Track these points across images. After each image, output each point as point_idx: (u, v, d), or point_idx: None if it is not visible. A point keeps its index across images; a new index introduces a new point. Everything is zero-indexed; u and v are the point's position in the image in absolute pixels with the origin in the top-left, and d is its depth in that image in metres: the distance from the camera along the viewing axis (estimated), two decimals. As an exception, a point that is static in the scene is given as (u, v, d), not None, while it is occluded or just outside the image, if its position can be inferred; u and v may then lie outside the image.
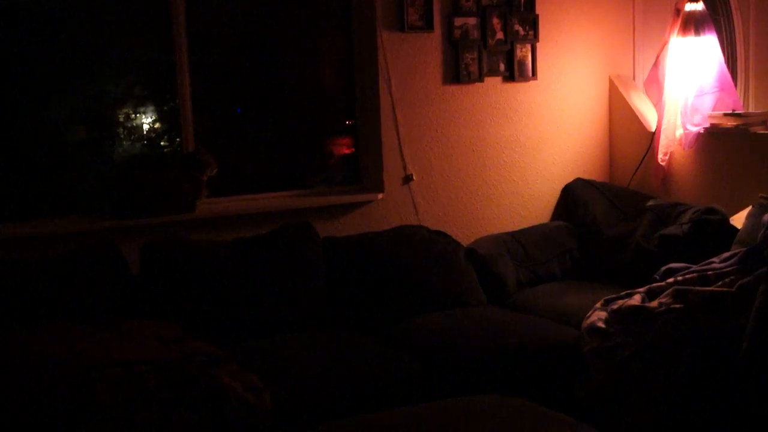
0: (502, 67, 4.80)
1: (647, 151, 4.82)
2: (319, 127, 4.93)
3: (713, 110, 4.47)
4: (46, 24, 4.17)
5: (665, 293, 3.42)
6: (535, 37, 4.85)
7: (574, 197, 4.92)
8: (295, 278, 3.93)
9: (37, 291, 3.51)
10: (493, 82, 4.80)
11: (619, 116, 5.07)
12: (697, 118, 4.50)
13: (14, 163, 4.16)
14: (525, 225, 4.87)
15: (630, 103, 4.97)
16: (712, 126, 4.47)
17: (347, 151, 4.86)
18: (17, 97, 4.17)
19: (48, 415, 2.66)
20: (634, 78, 5.12)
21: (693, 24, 4.41)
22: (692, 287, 3.37)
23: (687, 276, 3.52)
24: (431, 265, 4.20)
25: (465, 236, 4.70)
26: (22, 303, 3.46)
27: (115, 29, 4.34)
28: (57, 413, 2.67)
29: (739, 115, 4.36)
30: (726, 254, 3.60)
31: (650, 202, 4.53)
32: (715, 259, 3.60)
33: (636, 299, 3.51)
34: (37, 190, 4.21)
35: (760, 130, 4.25)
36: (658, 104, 4.70)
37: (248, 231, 4.12)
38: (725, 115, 4.40)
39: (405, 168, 4.64)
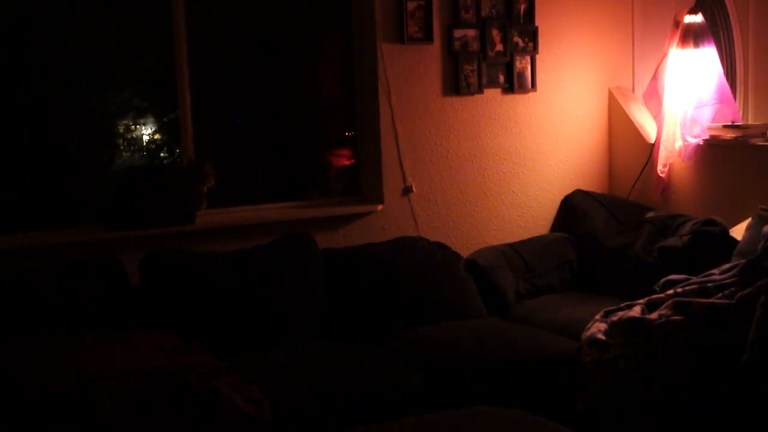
0: (501, 78, 4.81)
1: (647, 163, 4.83)
2: (319, 138, 4.94)
3: (712, 122, 4.47)
4: (46, 35, 4.18)
5: (665, 305, 3.43)
6: (535, 49, 4.86)
7: (573, 208, 4.92)
8: (294, 289, 3.92)
9: (37, 302, 3.50)
10: (493, 94, 4.81)
11: (619, 128, 5.08)
12: (696, 130, 4.50)
13: (14, 173, 4.16)
14: (524, 236, 4.87)
15: (629, 115, 4.98)
16: (712, 138, 4.48)
17: (347, 163, 4.87)
18: (17, 107, 4.17)
19: (49, 428, 2.66)
20: (633, 90, 5.13)
21: (692, 36, 4.43)
22: (692, 299, 3.38)
23: (687, 288, 3.52)
24: (431, 277, 4.20)
25: (465, 247, 4.70)
26: (21, 314, 3.46)
27: (116, 40, 4.35)
28: (57, 425, 2.66)
29: (738, 127, 4.37)
30: (726, 266, 3.60)
31: (650, 214, 4.53)
32: (714, 271, 3.60)
33: (636, 311, 3.51)
34: (36, 201, 4.21)
35: (760, 142, 4.25)
36: (657, 116, 4.71)
37: (248, 242, 4.12)
38: (724, 126, 4.41)
39: (405, 179, 4.64)
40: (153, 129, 4.53)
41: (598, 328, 3.57)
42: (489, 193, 4.86)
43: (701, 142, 4.52)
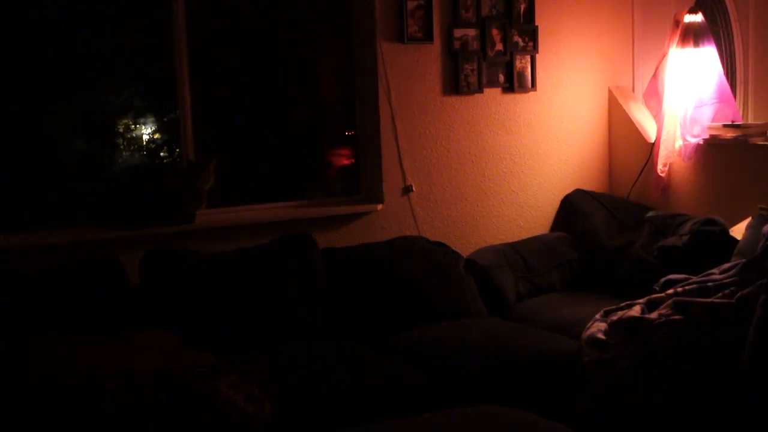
0: (501, 78, 4.81)
1: (647, 163, 4.83)
2: (319, 137, 4.94)
3: (712, 121, 4.47)
4: (46, 35, 4.18)
5: (665, 304, 3.42)
6: (535, 48, 4.86)
7: (573, 208, 4.92)
8: (294, 289, 3.92)
9: (37, 301, 3.50)
10: (493, 93, 4.81)
11: (619, 127, 5.08)
12: (696, 130, 4.50)
13: (14, 173, 4.15)
14: (524, 236, 4.87)
15: (629, 115, 4.97)
16: (712, 137, 4.48)
17: (347, 162, 4.87)
18: (18, 107, 4.17)
19: (49, 427, 2.66)
20: (633, 89, 5.13)
21: (692, 35, 4.43)
22: (692, 298, 3.37)
23: (687, 287, 3.52)
24: (431, 276, 4.19)
25: (464, 247, 4.70)
26: (21, 313, 3.46)
27: (116, 40, 4.35)
28: (58, 424, 2.66)
29: (738, 127, 4.37)
30: (726, 265, 3.60)
31: (650, 213, 4.53)
32: (714, 270, 3.60)
33: (636, 310, 3.51)
34: (36, 201, 4.21)
35: (760, 141, 4.25)
36: (657, 115, 4.71)
37: (248, 241, 4.12)
38: (724, 126, 4.41)
39: (404, 179, 4.64)
40: (153, 129, 4.53)
41: (598, 327, 3.57)
42: (489, 193, 4.86)
43: (701, 142, 4.52)
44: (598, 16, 5.03)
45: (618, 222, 4.64)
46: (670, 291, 3.55)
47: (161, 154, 4.59)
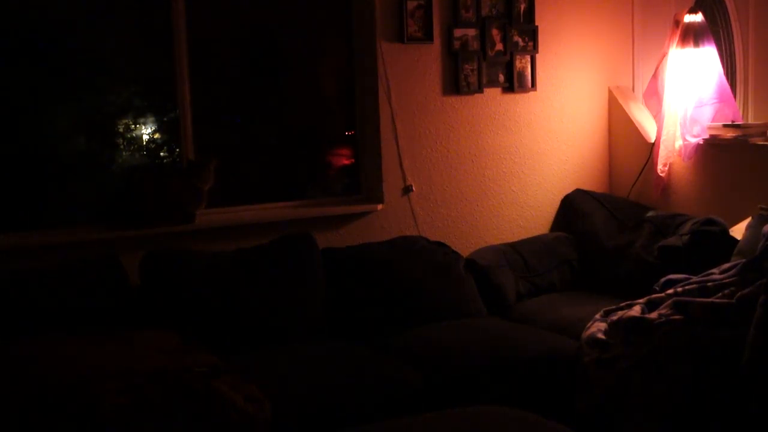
0: (501, 78, 4.81)
1: (647, 163, 4.83)
2: (319, 137, 4.93)
3: (712, 121, 4.47)
4: (46, 35, 4.18)
5: (665, 304, 3.43)
6: (535, 48, 4.86)
7: (573, 208, 4.92)
8: (294, 289, 3.92)
9: (37, 301, 3.50)
10: (493, 93, 4.81)
11: (619, 127, 5.08)
12: (696, 130, 4.50)
13: (14, 173, 4.15)
14: (524, 236, 4.87)
15: (629, 115, 4.97)
16: (712, 137, 4.48)
17: (347, 162, 4.86)
18: (18, 106, 4.17)
19: (49, 427, 2.66)
20: (633, 89, 5.13)
21: (692, 35, 4.43)
22: (692, 298, 3.37)
23: (687, 287, 3.52)
24: (431, 276, 4.19)
25: (464, 247, 4.70)
26: (22, 313, 3.46)
27: (116, 40, 4.35)
28: (57, 425, 2.66)
29: (738, 126, 4.37)
30: (726, 265, 3.60)
31: (650, 213, 4.53)
32: (714, 270, 3.61)
33: (636, 310, 3.51)
34: (36, 200, 4.21)
35: (760, 141, 4.25)
36: (657, 115, 4.71)
37: (248, 241, 4.12)
38: (724, 126, 4.41)
39: (404, 179, 4.64)
40: (153, 128, 4.53)
41: (598, 327, 3.57)
42: (489, 193, 4.85)
43: (701, 142, 4.52)
44: (598, 16, 5.03)
45: (618, 222, 4.64)
46: (670, 291, 3.55)
47: (161, 154, 4.58)
